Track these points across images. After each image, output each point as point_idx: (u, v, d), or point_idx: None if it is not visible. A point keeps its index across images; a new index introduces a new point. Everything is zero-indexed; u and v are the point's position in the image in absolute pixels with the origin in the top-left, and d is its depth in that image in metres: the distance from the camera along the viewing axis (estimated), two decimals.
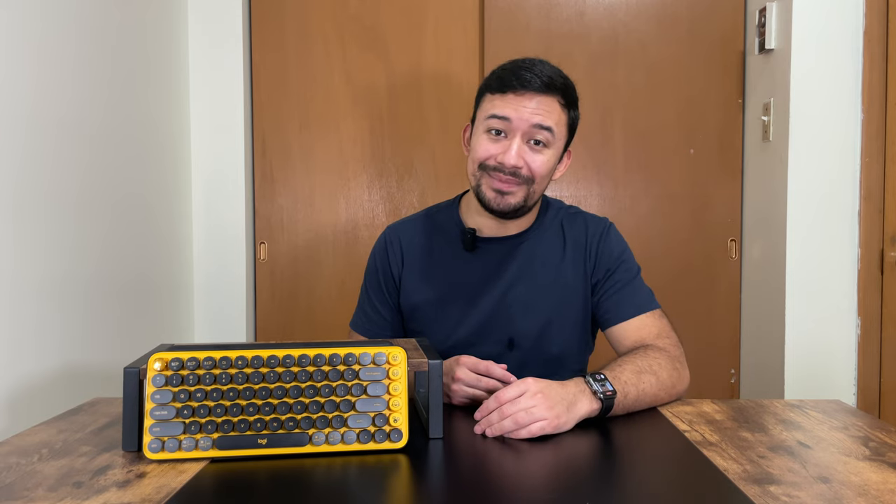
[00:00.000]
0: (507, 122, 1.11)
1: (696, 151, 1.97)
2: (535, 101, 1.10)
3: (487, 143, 1.13)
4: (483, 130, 1.14)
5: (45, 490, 0.74)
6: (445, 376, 1.05)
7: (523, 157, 1.11)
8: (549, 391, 0.94)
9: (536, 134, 1.11)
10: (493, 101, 1.13)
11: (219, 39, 1.90)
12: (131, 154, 1.58)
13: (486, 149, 1.13)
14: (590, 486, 0.77)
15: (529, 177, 1.13)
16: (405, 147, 1.98)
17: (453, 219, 1.26)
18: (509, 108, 1.10)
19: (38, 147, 1.24)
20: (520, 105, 1.10)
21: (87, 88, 1.40)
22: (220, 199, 1.92)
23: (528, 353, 1.19)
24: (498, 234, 1.22)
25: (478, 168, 1.15)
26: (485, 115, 1.14)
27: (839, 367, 1.77)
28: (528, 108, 1.10)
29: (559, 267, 1.21)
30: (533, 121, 1.10)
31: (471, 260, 1.22)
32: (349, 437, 0.85)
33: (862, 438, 0.90)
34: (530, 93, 1.10)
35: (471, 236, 1.21)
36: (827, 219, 1.74)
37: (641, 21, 1.95)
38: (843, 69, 1.73)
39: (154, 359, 0.84)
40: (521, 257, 1.21)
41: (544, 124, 1.11)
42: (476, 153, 1.14)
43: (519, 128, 1.10)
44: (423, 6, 1.96)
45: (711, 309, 1.99)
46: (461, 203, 1.28)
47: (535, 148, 1.12)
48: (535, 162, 1.12)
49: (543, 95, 1.11)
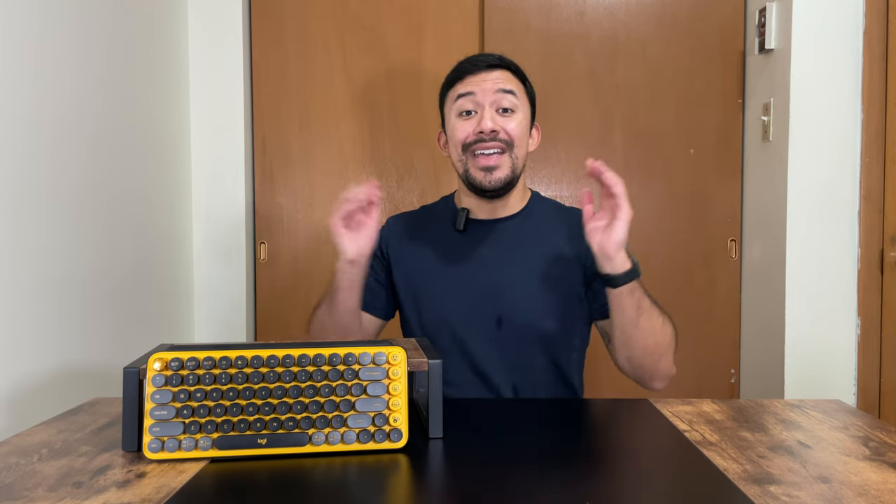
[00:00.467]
0: (473, 96, 1.19)
1: (696, 151, 1.97)
2: (492, 73, 1.20)
3: (462, 123, 1.21)
4: (455, 116, 1.22)
5: (44, 490, 0.74)
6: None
7: (498, 122, 1.18)
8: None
9: (502, 100, 1.19)
10: (456, 88, 1.22)
11: (219, 39, 1.90)
12: (131, 154, 1.58)
13: (462, 129, 1.20)
14: (589, 485, 0.77)
15: (508, 140, 1.19)
16: (405, 147, 1.98)
17: (448, 206, 1.33)
18: (471, 85, 1.20)
19: (37, 146, 1.24)
20: (479, 80, 1.20)
21: (87, 88, 1.40)
22: (220, 199, 1.92)
23: (517, 332, 1.22)
24: (489, 217, 1.27)
25: (461, 151, 1.21)
26: (452, 101, 1.22)
27: (839, 367, 1.77)
28: (488, 79, 1.19)
29: (549, 251, 1.25)
30: (496, 87, 1.19)
31: (462, 241, 1.27)
32: (349, 436, 0.85)
33: (862, 438, 0.90)
34: (485, 69, 1.20)
35: (464, 215, 1.26)
36: (827, 219, 1.74)
37: (641, 21, 1.95)
38: (842, 69, 1.73)
39: (154, 359, 0.84)
40: (511, 239, 1.26)
41: (507, 88, 1.19)
42: (455, 138, 1.21)
43: (486, 98, 1.19)
44: (423, 6, 1.96)
45: (711, 309, 1.99)
46: (455, 195, 1.35)
47: (504, 115, 1.20)
48: (508, 125, 1.19)
49: (497, 70, 1.21)
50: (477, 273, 1.24)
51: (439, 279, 1.26)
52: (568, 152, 1.97)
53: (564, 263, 1.25)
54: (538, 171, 1.97)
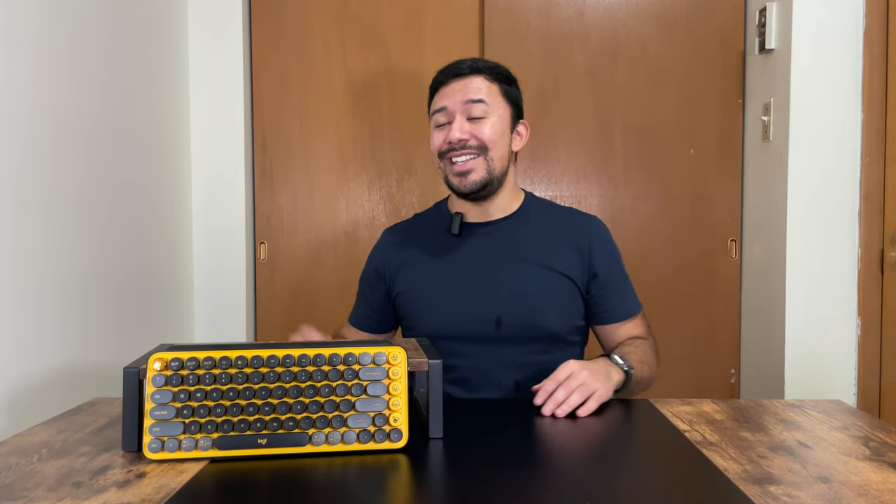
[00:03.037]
0: (445, 110, 1.24)
1: (696, 151, 1.97)
2: (461, 83, 1.24)
3: (437, 134, 1.26)
4: (433, 128, 1.27)
5: (44, 490, 0.74)
6: None
7: (466, 130, 1.22)
8: (590, 367, 1.07)
9: (472, 109, 1.22)
10: (433, 102, 1.28)
11: (219, 38, 1.90)
12: (131, 154, 1.58)
13: (436, 139, 1.26)
14: (589, 485, 0.77)
15: (480, 144, 1.22)
16: (405, 147, 1.98)
17: (441, 212, 1.35)
18: (443, 99, 1.25)
19: (38, 147, 1.24)
20: (450, 92, 1.24)
21: (87, 88, 1.40)
22: (219, 199, 1.92)
23: (517, 332, 1.23)
24: (483, 220, 1.29)
25: (439, 159, 1.26)
26: (430, 116, 1.28)
27: (839, 367, 1.77)
28: (458, 90, 1.23)
29: (546, 251, 1.27)
30: (464, 98, 1.23)
31: (457, 244, 1.29)
32: (349, 436, 0.85)
33: (862, 438, 0.90)
34: (456, 79, 1.24)
35: (459, 219, 1.28)
36: (827, 219, 1.74)
37: (641, 21, 1.95)
38: (842, 69, 1.73)
39: (154, 359, 0.84)
40: (506, 240, 1.28)
41: (474, 97, 1.23)
42: (433, 147, 1.27)
43: (455, 109, 1.23)
44: (423, 6, 1.96)
45: (711, 309, 1.99)
46: (447, 201, 1.38)
47: (475, 121, 1.23)
48: (479, 130, 1.22)
49: (468, 77, 1.24)
50: (474, 276, 1.25)
51: (438, 283, 1.27)
52: (568, 152, 1.97)
53: (562, 262, 1.26)
54: (538, 171, 1.97)
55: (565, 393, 1.03)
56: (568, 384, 1.04)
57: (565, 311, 1.25)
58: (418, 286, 1.29)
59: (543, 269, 1.25)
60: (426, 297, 1.27)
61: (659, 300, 1.95)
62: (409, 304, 1.29)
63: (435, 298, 1.26)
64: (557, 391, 1.04)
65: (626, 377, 1.12)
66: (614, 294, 1.28)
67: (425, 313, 1.27)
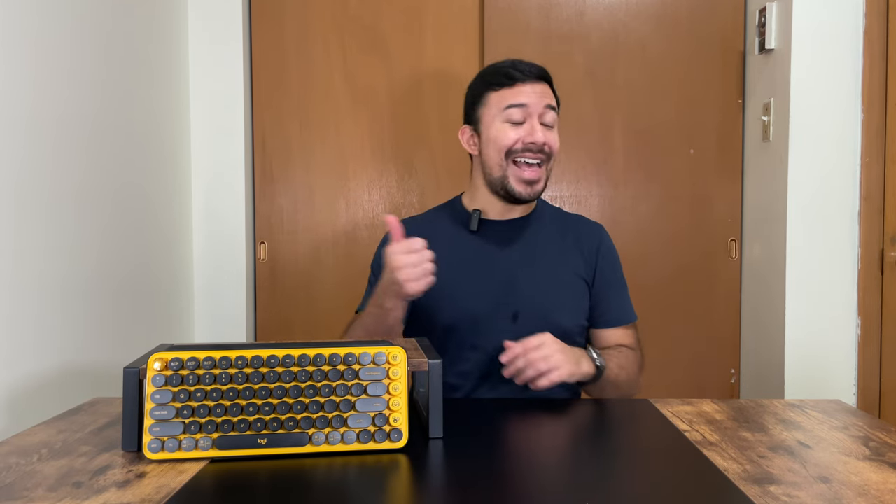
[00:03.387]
0: (525, 107, 1.22)
1: (696, 151, 1.97)
2: (539, 86, 1.24)
3: (510, 130, 1.22)
4: (501, 121, 1.23)
5: (44, 490, 0.74)
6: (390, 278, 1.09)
7: (545, 135, 1.23)
8: (563, 345, 1.12)
9: (546, 115, 1.23)
10: (503, 94, 1.23)
11: (219, 39, 1.90)
12: (131, 154, 1.58)
13: (509, 136, 1.22)
14: (589, 485, 0.77)
15: (550, 153, 1.24)
16: (405, 147, 1.98)
17: (457, 210, 1.35)
18: (524, 96, 1.22)
19: (38, 146, 1.24)
20: (531, 91, 1.22)
21: (87, 88, 1.40)
22: (220, 199, 1.92)
23: (533, 326, 1.22)
24: (501, 217, 1.31)
25: (504, 157, 1.23)
26: (500, 109, 1.23)
27: (839, 367, 1.77)
28: (538, 92, 1.23)
29: (560, 252, 1.30)
30: (544, 102, 1.23)
31: (476, 240, 1.30)
32: (349, 437, 0.85)
33: (862, 438, 0.90)
34: (533, 80, 1.23)
35: (478, 216, 1.29)
36: (827, 219, 1.74)
37: (641, 21, 1.95)
38: (842, 69, 1.73)
39: (154, 359, 0.84)
40: (524, 239, 1.30)
41: (552, 104, 1.24)
42: (501, 142, 1.23)
43: (535, 111, 1.22)
44: (423, 6, 1.96)
45: (711, 309, 1.99)
46: (462, 197, 1.37)
47: (547, 128, 1.24)
48: (551, 139, 1.24)
49: (542, 83, 1.25)
50: (494, 270, 1.27)
51: (457, 275, 1.26)
52: (568, 152, 1.97)
53: (574, 263, 1.29)
54: None
55: (524, 363, 1.08)
56: (533, 353, 1.08)
57: (577, 310, 1.29)
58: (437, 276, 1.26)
59: (559, 268, 1.28)
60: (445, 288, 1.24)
61: (659, 300, 1.95)
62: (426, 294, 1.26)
63: (453, 290, 1.26)
64: (518, 360, 1.09)
65: (596, 371, 1.15)
66: (611, 299, 1.31)
67: (443, 304, 1.26)
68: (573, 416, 1.04)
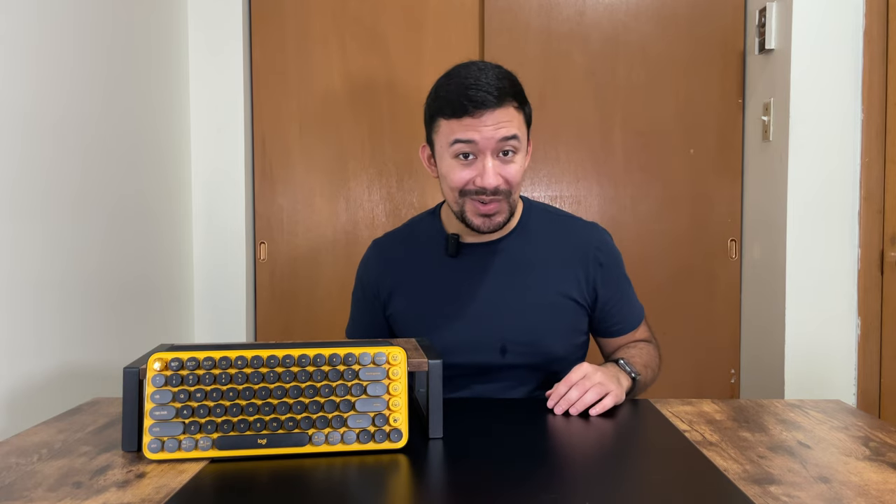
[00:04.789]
0: (474, 144, 1.08)
1: (696, 151, 1.97)
2: (493, 115, 1.07)
3: (460, 170, 1.10)
4: (450, 157, 1.11)
5: (44, 490, 0.74)
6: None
7: (499, 173, 1.10)
8: (603, 370, 1.08)
9: (504, 146, 1.09)
10: (451, 126, 1.09)
11: (219, 39, 1.90)
12: (131, 154, 1.58)
13: (460, 176, 1.10)
14: (589, 486, 0.77)
15: (507, 189, 1.11)
16: (405, 147, 1.97)
17: (435, 227, 1.25)
18: (471, 132, 1.07)
19: (38, 147, 1.24)
20: (480, 126, 1.07)
21: (87, 89, 1.40)
22: (220, 200, 1.92)
23: (523, 358, 1.19)
24: (481, 240, 1.21)
25: (458, 196, 1.12)
26: (448, 142, 1.10)
27: (839, 367, 1.77)
28: (490, 125, 1.07)
29: (547, 270, 1.20)
30: (498, 136, 1.07)
31: (455, 266, 1.21)
32: (349, 437, 0.85)
33: (862, 438, 0.90)
34: (487, 110, 1.06)
35: (454, 241, 1.20)
36: (827, 219, 1.74)
37: (641, 21, 1.95)
38: (843, 69, 1.73)
39: (154, 359, 0.84)
40: (506, 260, 1.20)
41: (509, 135, 1.08)
42: (451, 182, 1.12)
43: (487, 147, 1.08)
44: (423, 6, 1.96)
45: (711, 309, 1.99)
46: (441, 212, 1.27)
47: (505, 159, 1.10)
48: (509, 173, 1.10)
49: (499, 108, 1.07)
50: (475, 302, 1.19)
51: (436, 308, 1.20)
52: (568, 152, 1.97)
53: (565, 282, 1.20)
54: (538, 171, 1.97)
55: (579, 392, 1.03)
56: (582, 384, 1.04)
57: (568, 333, 1.22)
58: (415, 310, 1.21)
59: (547, 291, 1.19)
60: (424, 324, 1.20)
61: (659, 300, 1.95)
62: (406, 328, 1.23)
63: (434, 325, 1.19)
64: (570, 391, 1.03)
65: (633, 383, 1.12)
66: (622, 308, 1.25)
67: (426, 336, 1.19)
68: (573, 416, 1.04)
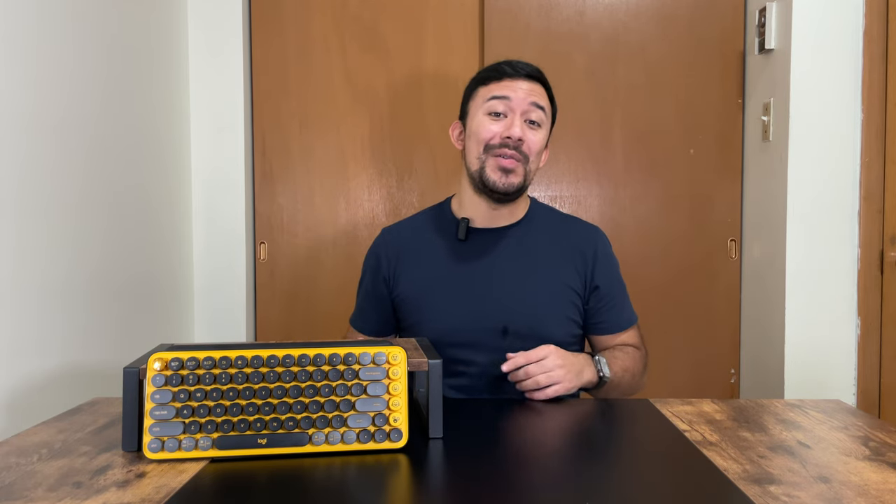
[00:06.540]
0: (507, 101, 1.21)
1: (696, 151, 1.97)
2: (527, 84, 1.22)
3: (490, 123, 1.22)
4: (483, 113, 1.22)
5: (44, 490, 0.74)
6: None
7: (524, 132, 1.20)
8: (566, 358, 1.11)
9: (532, 113, 1.21)
10: (490, 88, 1.22)
11: (219, 39, 1.90)
12: (131, 154, 1.58)
13: (488, 129, 1.21)
14: (589, 485, 0.77)
15: (528, 154, 1.22)
16: (405, 147, 1.98)
17: (444, 215, 1.33)
18: (507, 90, 1.21)
19: (39, 148, 1.24)
20: (517, 86, 1.21)
21: (87, 89, 1.40)
22: (219, 199, 1.92)
23: (523, 340, 1.22)
24: (489, 226, 1.28)
25: (483, 150, 1.22)
26: (483, 100, 1.23)
27: (839, 367, 1.77)
28: (524, 88, 1.21)
29: (550, 261, 1.27)
30: (529, 99, 1.21)
31: (463, 250, 1.27)
32: (349, 436, 0.85)
33: (862, 438, 0.90)
34: (522, 78, 1.22)
35: (465, 224, 1.27)
36: (827, 219, 1.74)
37: (641, 21, 1.95)
38: (843, 69, 1.73)
39: (154, 359, 0.84)
40: (512, 247, 1.27)
41: (539, 103, 1.22)
42: (480, 135, 1.22)
43: (518, 106, 1.20)
44: (423, 6, 1.96)
45: (711, 309, 1.99)
46: (452, 201, 1.35)
47: (531, 127, 1.22)
48: (532, 139, 1.21)
49: (534, 82, 1.23)
50: (481, 283, 1.25)
51: (444, 290, 1.25)
52: (568, 152, 1.97)
53: (566, 272, 1.27)
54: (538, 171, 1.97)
55: (524, 375, 1.09)
56: (539, 366, 1.09)
57: (567, 321, 1.27)
58: (422, 290, 1.27)
59: (549, 279, 1.26)
60: (431, 303, 1.26)
61: (659, 300, 1.95)
62: (412, 309, 1.28)
63: (440, 304, 1.25)
64: (519, 372, 1.10)
65: (598, 381, 1.16)
66: (612, 307, 1.30)
67: (429, 319, 1.25)
68: (573, 417, 1.04)
